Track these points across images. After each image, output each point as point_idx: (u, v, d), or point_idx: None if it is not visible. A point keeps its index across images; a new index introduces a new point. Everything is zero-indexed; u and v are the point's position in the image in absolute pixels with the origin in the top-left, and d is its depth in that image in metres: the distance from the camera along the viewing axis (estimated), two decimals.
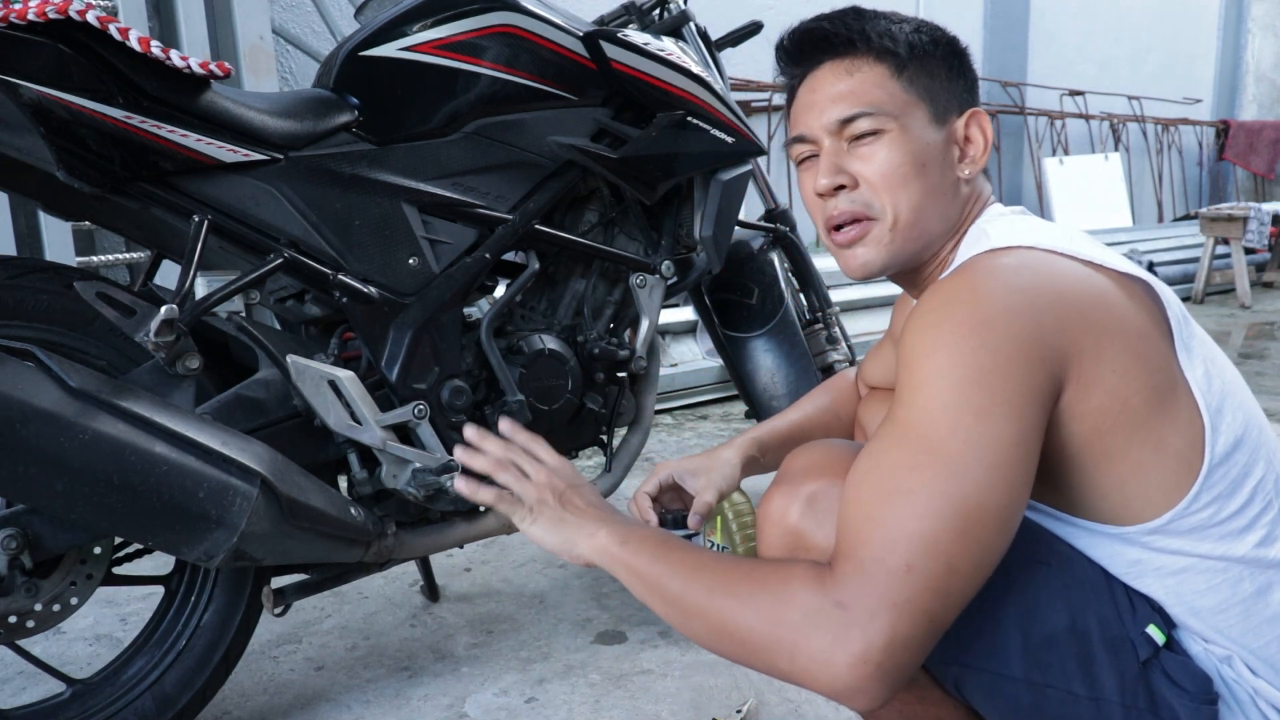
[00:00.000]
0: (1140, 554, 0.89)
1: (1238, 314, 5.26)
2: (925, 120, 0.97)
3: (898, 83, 0.96)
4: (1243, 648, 0.90)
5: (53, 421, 1.06)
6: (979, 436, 0.78)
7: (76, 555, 1.24)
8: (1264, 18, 7.85)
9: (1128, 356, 0.84)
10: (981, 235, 0.93)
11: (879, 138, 0.96)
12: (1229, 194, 7.70)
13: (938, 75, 0.98)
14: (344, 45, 1.41)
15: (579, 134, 1.53)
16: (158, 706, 1.31)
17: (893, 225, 0.97)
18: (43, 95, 1.10)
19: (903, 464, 0.79)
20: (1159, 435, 0.85)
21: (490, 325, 1.49)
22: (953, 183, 0.98)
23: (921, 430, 0.79)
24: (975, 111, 0.99)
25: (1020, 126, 6.23)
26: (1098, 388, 0.83)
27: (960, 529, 0.76)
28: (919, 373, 0.82)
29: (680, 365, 3.43)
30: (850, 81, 0.97)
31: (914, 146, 0.96)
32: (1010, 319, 0.81)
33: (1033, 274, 0.85)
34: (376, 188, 1.38)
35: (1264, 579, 0.88)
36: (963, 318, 0.81)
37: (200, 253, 1.23)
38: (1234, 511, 0.87)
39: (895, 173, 0.96)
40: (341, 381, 1.31)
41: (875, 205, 0.97)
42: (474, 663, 1.65)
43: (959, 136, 0.98)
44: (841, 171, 0.97)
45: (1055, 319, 0.82)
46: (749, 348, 1.93)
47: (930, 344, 0.82)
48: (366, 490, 1.38)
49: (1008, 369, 0.79)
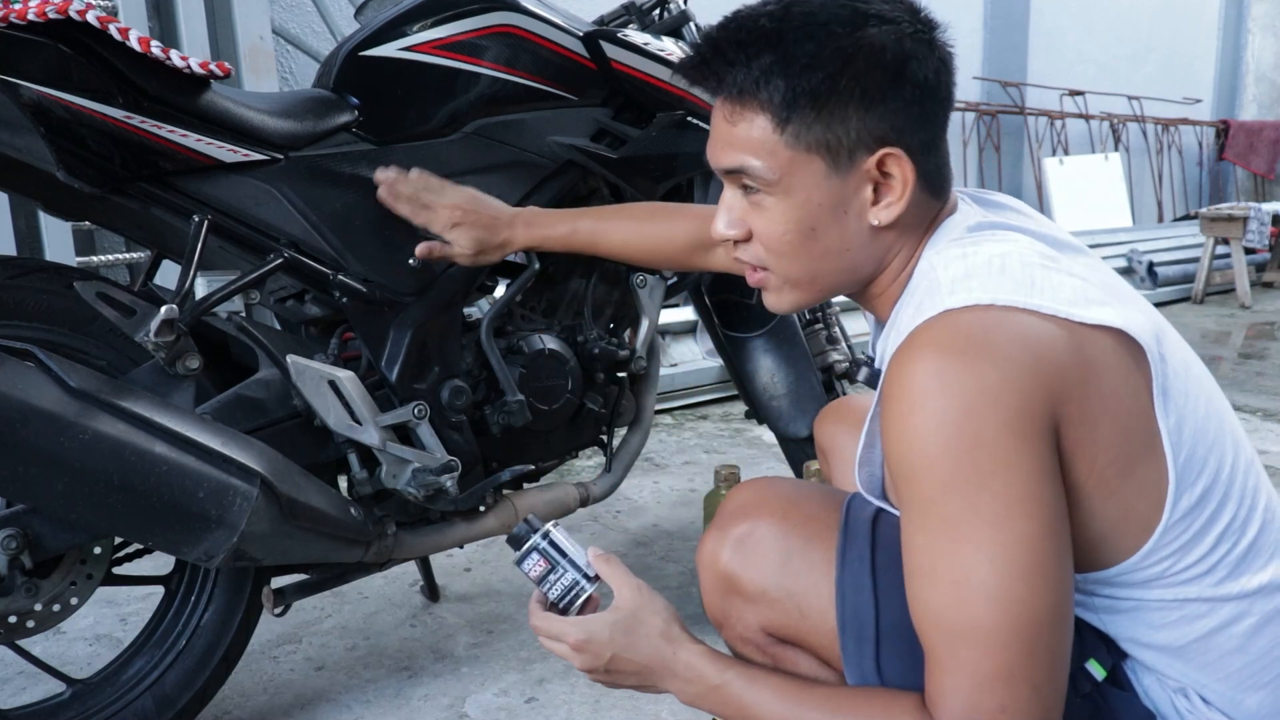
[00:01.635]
0: (1083, 597, 0.88)
1: (1238, 314, 5.26)
2: (819, 175, 0.84)
3: (780, 139, 0.83)
4: (1198, 680, 0.87)
5: (53, 421, 1.06)
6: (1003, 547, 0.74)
7: (76, 555, 1.24)
8: (1264, 18, 7.84)
9: (1102, 424, 0.77)
10: (934, 282, 0.81)
11: (762, 199, 0.87)
12: (1229, 194, 7.70)
13: (841, 116, 0.82)
14: (344, 45, 1.41)
15: (579, 134, 1.53)
16: (158, 706, 1.31)
17: (785, 282, 0.91)
18: (43, 95, 1.10)
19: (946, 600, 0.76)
20: (1127, 502, 0.80)
21: (490, 325, 1.49)
22: (862, 232, 0.87)
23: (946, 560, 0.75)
24: (888, 153, 0.83)
25: (1020, 126, 6.23)
26: (1077, 459, 0.78)
27: (1030, 649, 0.74)
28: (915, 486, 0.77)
29: (680, 365, 3.42)
30: (732, 131, 0.86)
31: (799, 212, 0.85)
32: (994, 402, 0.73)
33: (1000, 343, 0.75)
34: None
35: (1227, 613, 0.84)
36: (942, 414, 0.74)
37: (200, 253, 1.23)
38: (1192, 562, 0.82)
39: (779, 240, 0.87)
40: (341, 381, 1.31)
41: (765, 261, 0.90)
42: (474, 663, 1.65)
43: (873, 177, 0.85)
44: (736, 223, 0.90)
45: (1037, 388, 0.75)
46: (749, 348, 1.93)
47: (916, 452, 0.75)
48: (366, 490, 1.38)
49: (1007, 458, 0.74)
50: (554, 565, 0.99)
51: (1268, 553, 0.85)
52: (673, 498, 2.44)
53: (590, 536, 2.20)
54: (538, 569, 1.00)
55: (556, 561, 0.99)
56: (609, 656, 0.92)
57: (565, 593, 0.99)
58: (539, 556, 1.00)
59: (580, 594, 0.99)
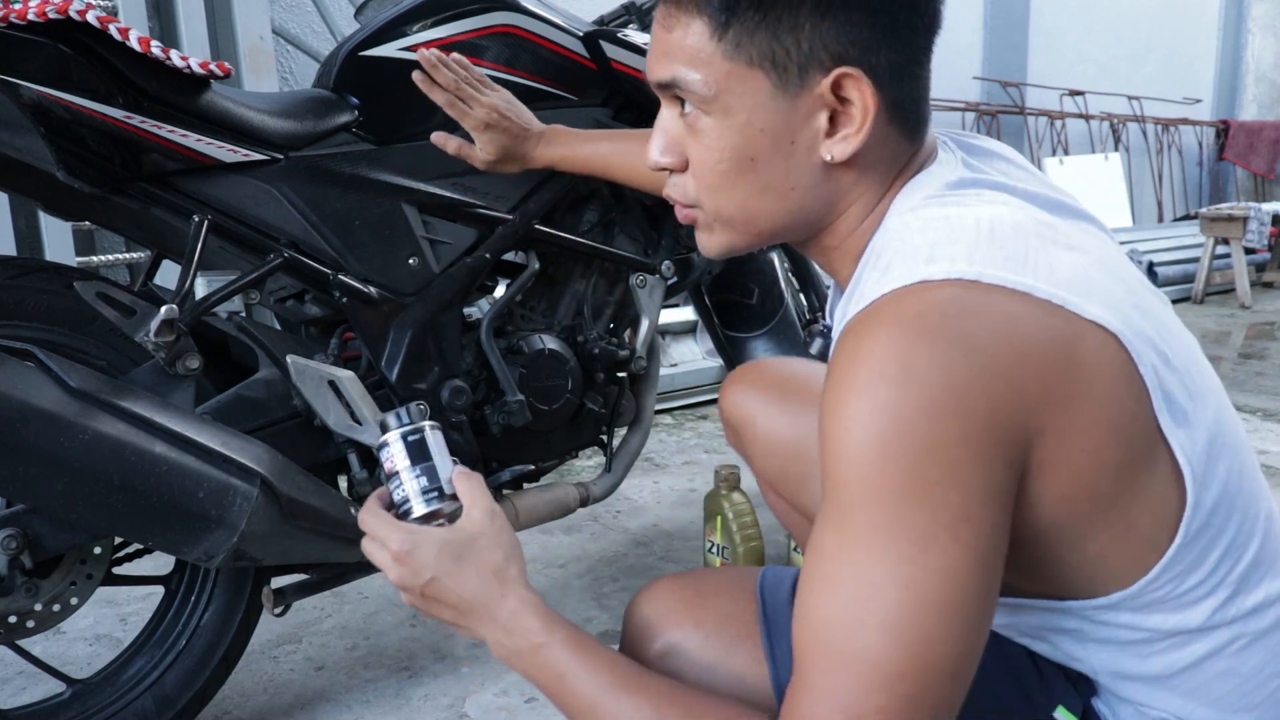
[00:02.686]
0: (1080, 625, 0.77)
1: (1238, 314, 5.26)
2: (763, 94, 0.71)
3: (718, 47, 0.71)
4: (1183, 708, 0.78)
5: (53, 421, 1.06)
6: (924, 574, 0.62)
7: (76, 555, 1.24)
8: (1264, 18, 7.84)
9: (1099, 427, 0.66)
10: (908, 242, 0.69)
11: (697, 119, 0.74)
12: (1229, 194, 7.70)
13: (791, 23, 0.69)
14: (344, 45, 1.42)
15: None
16: (157, 706, 1.31)
17: (716, 219, 0.78)
18: (43, 95, 1.10)
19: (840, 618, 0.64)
20: (1128, 518, 0.70)
21: (490, 325, 1.49)
22: (811, 169, 0.74)
23: (854, 571, 0.63)
24: (845, 74, 0.70)
25: (1020, 126, 6.23)
26: (1064, 471, 0.66)
27: (914, 694, 0.62)
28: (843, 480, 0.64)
29: (680, 365, 3.42)
30: (668, 39, 0.73)
31: (738, 138, 0.73)
32: (956, 404, 0.62)
33: (979, 330, 0.63)
34: (376, 188, 1.38)
35: (1220, 637, 0.75)
36: (894, 405, 0.62)
37: (200, 253, 1.24)
38: (1196, 583, 0.73)
39: (713, 169, 0.75)
40: (341, 381, 1.31)
41: (696, 198, 0.78)
42: (474, 663, 1.65)
43: (829, 102, 0.71)
44: (670, 148, 0.78)
45: (1012, 392, 0.63)
46: (749, 348, 1.93)
47: (853, 440, 0.63)
48: (366, 490, 1.38)
49: (954, 474, 0.62)
50: (410, 464, 0.86)
51: (1264, 567, 0.76)
52: (673, 498, 2.44)
53: (590, 537, 2.20)
54: (391, 463, 0.87)
55: (414, 461, 0.86)
56: (428, 578, 0.80)
57: (409, 498, 0.86)
58: (400, 448, 0.86)
59: (426, 504, 0.86)
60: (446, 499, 0.86)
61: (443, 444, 0.89)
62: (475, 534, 0.83)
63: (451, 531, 0.82)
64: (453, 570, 0.81)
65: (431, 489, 0.86)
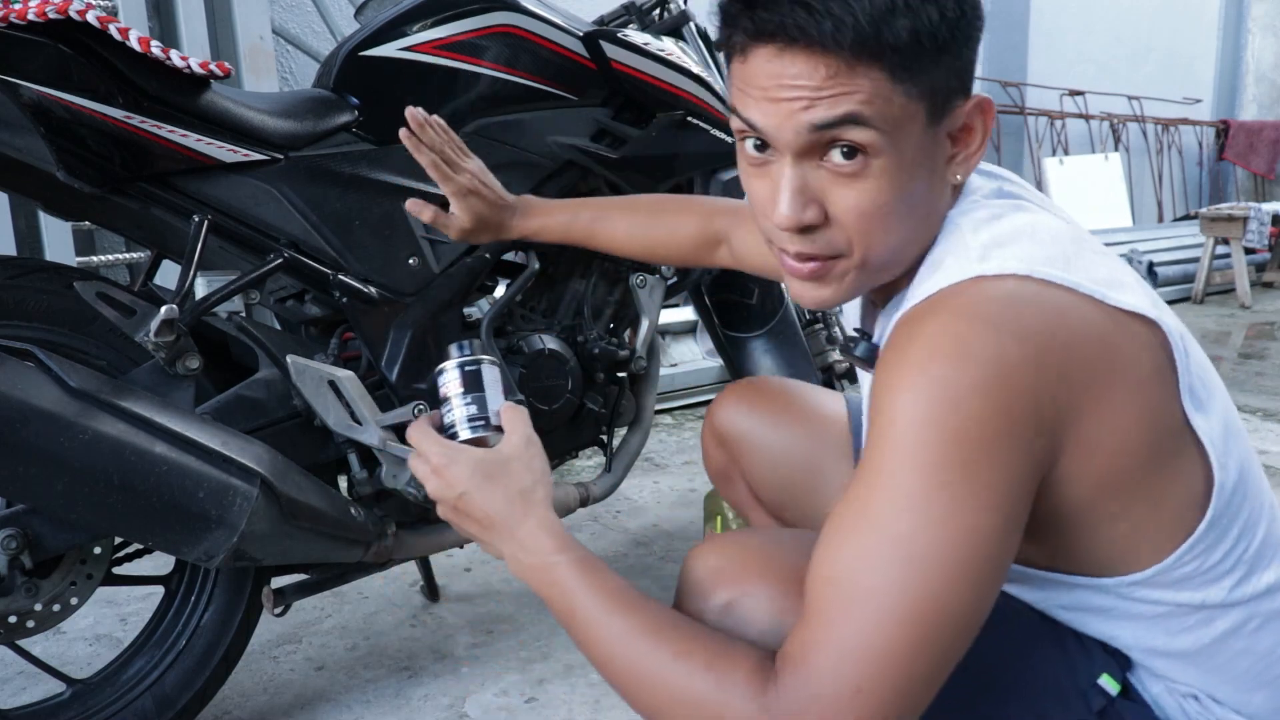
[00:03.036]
0: (1114, 602, 0.82)
1: (1238, 314, 5.26)
2: (920, 125, 0.73)
3: (897, 87, 0.71)
4: (1208, 684, 0.84)
5: (53, 421, 1.06)
6: (952, 532, 0.67)
7: (76, 555, 1.24)
8: (1264, 18, 7.84)
9: (1132, 412, 0.72)
10: (960, 244, 0.75)
11: (865, 164, 0.73)
12: (1229, 194, 7.70)
13: (947, 58, 0.72)
14: (344, 45, 1.41)
15: (579, 134, 1.53)
16: (158, 706, 1.31)
17: (860, 265, 0.78)
18: (43, 95, 1.10)
19: (864, 556, 0.68)
20: (1158, 494, 0.75)
21: (490, 325, 1.49)
22: (940, 194, 0.78)
23: (887, 519, 0.68)
24: (981, 99, 0.76)
25: (1020, 126, 6.23)
26: (1099, 452, 0.71)
27: (921, 639, 0.67)
28: (890, 441, 0.69)
29: (680, 365, 3.42)
30: (833, 84, 0.71)
31: (906, 174, 0.74)
32: (1005, 382, 0.67)
33: (1031, 319, 0.69)
34: (376, 188, 1.38)
35: (1237, 616, 0.81)
36: (948, 379, 0.67)
37: (200, 253, 1.24)
38: (1218, 560, 0.78)
39: (880, 212, 0.74)
40: (341, 381, 1.31)
41: (843, 247, 0.77)
42: (474, 663, 1.65)
43: (954, 128, 0.76)
44: (811, 204, 0.75)
45: (1058, 377, 0.69)
46: (749, 348, 1.93)
47: (906, 408, 0.68)
48: (366, 490, 1.38)
49: (996, 447, 0.67)
50: (463, 392, 0.91)
51: (1272, 550, 0.82)
52: (673, 498, 2.44)
53: (590, 536, 2.20)
54: (445, 389, 0.91)
55: (466, 390, 0.91)
56: (459, 492, 0.84)
57: (456, 423, 0.91)
58: (455, 375, 0.91)
59: (470, 430, 0.90)
60: (492, 429, 0.90)
61: (498, 381, 0.93)
62: (509, 456, 0.86)
63: (487, 453, 0.87)
64: (483, 487, 0.84)
65: (479, 417, 0.90)
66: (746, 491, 1.30)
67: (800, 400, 1.27)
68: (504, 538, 0.84)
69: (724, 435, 1.29)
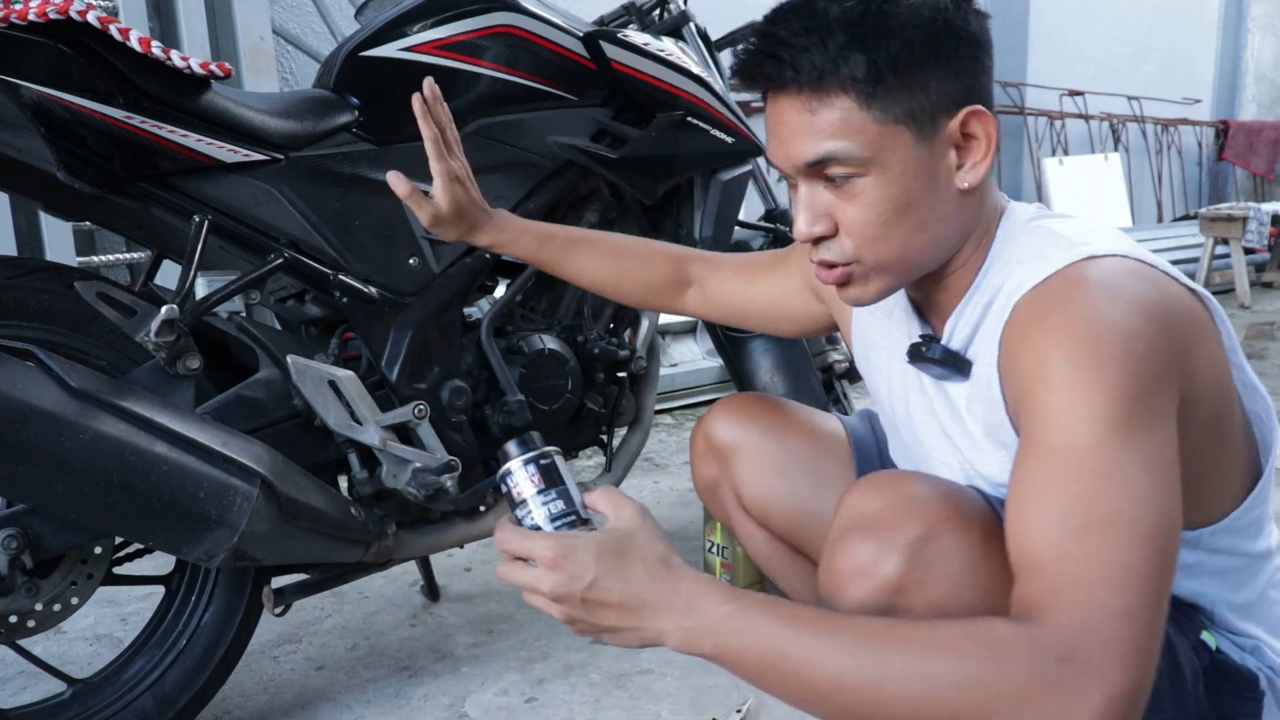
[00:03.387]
0: (1200, 556, 0.90)
1: (1238, 314, 5.26)
2: (908, 144, 0.82)
3: (868, 114, 0.81)
4: (1260, 637, 0.93)
5: (53, 421, 1.06)
6: (1150, 454, 0.72)
7: (77, 555, 1.25)
8: (1264, 18, 7.84)
9: (1217, 365, 0.83)
10: (1056, 237, 0.85)
11: (854, 183, 0.84)
12: (1229, 194, 7.69)
13: (921, 80, 0.81)
14: (344, 45, 1.42)
15: (579, 134, 1.54)
16: (158, 706, 1.32)
17: (875, 268, 0.88)
18: (43, 95, 1.10)
19: (1084, 495, 0.71)
20: (1235, 443, 0.87)
21: (490, 325, 1.49)
22: (951, 199, 0.86)
23: (1092, 455, 0.72)
24: (972, 110, 0.83)
25: (1020, 127, 6.23)
26: (1202, 402, 0.80)
27: (1159, 554, 0.70)
28: (1068, 394, 0.74)
29: (680, 365, 3.43)
30: (813, 121, 0.82)
31: (895, 188, 0.83)
32: (1147, 337, 0.75)
33: (1144, 289, 0.79)
34: (377, 188, 1.38)
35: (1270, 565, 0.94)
36: (1109, 334, 0.74)
37: (200, 253, 1.24)
38: (1262, 514, 0.91)
39: (875, 222, 0.84)
40: (341, 381, 1.31)
41: (854, 254, 0.87)
42: (474, 662, 1.66)
43: (955, 140, 0.84)
44: (820, 218, 0.86)
45: (1176, 335, 0.78)
46: (749, 348, 1.93)
47: (1079, 362, 0.74)
48: (366, 490, 1.38)
49: (1155, 390, 0.74)
50: (544, 488, 0.82)
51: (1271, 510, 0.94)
52: (673, 498, 2.44)
53: None
54: (520, 489, 0.83)
55: (548, 485, 0.82)
56: (589, 580, 0.76)
57: (540, 525, 0.81)
58: (532, 473, 0.82)
59: (561, 528, 0.81)
60: (582, 524, 0.82)
61: (570, 471, 0.85)
62: (631, 530, 0.80)
63: (606, 532, 0.80)
64: (617, 568, 0.77)
65: (568, 513, 0.82)
66: (734, 501, 1.29)
67: (797, 414, 1.28)
68: (659, 611, 0.77)
69: (718, 444, 1.28)
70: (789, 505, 1.24)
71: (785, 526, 1.26)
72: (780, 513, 1.25)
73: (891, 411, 1.08)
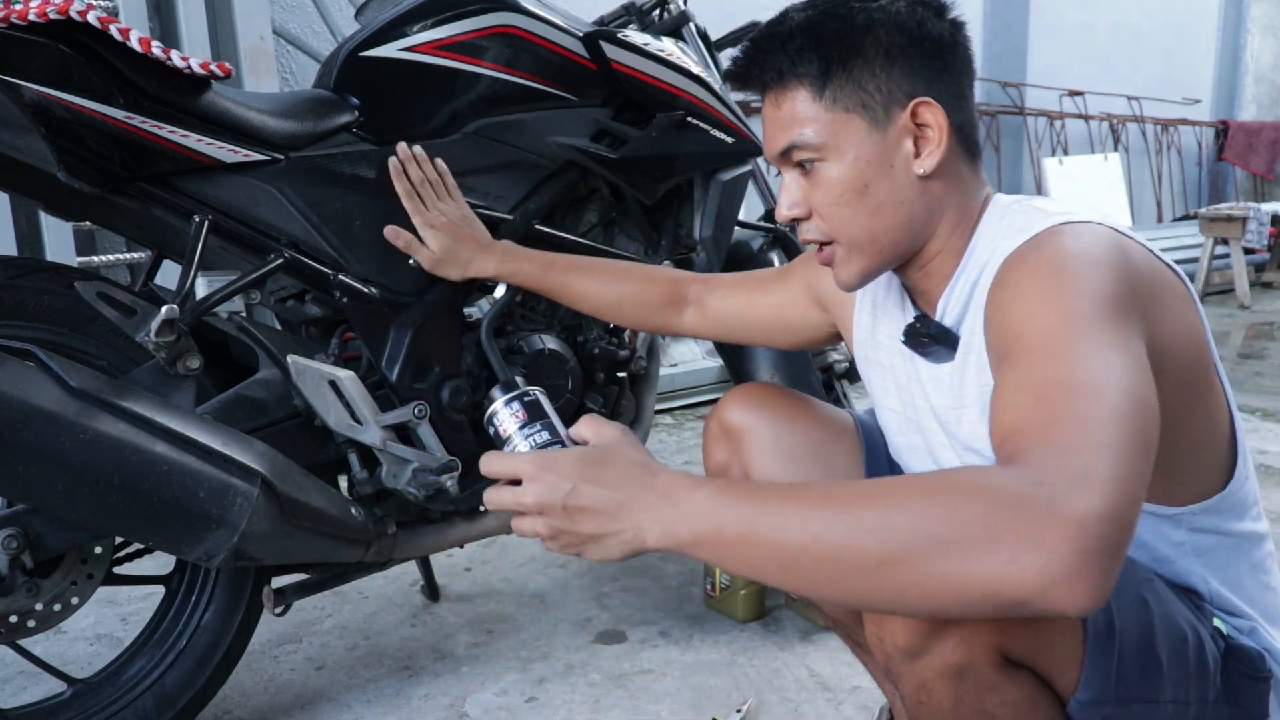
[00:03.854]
0: (1185, 536, 0.94)
1: (1237, 314, 5.26)
2: (862, 132, 0.93)
3: (820, 105, 0.93)
4: (1254, 618, 0.96)
5: (53, 421, 1.06)
6: (1123, 346, 0.75)
7: (77, 555, 1.25)
8: (1264, 18, 7.84)
9: (1188, 332, 0.87)
10: (1033, 210, 0.92)
11: (815, 168, 0.95)
12: (1228, 194, 7.69)
13: (869, 75, 0.92)
14: (344, 45, 1.42)
15: (579, 134, 1.53)
16: (158, 706, 1.32)
17: (848, 247, 0.97)
18: (43, 95, 1.10)
19: (1060, 370, 0.73)
20: (1209, 413, 0.91)
21: (490, 325, 1.49)
22: (910, 185, 0.94)
23: (1065, 339, 0.75)
24: (920, 101, 0.92)
25: (1020, 127, 6.23)
26: (1173, 356, 0.84)
27: (1137, 414, 0.70)
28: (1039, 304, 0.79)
29: (680, 365, 3.43)
30: (779, 114, 0.96)
31: (850, 170, 0.93)
32: (1112, 268, 0.81)
33: (1115, 242, 0.85)
34: (377, 188, 1.38)
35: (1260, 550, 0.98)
36: (1074, 259, 0.81)
37: (200, 253, 1.24)
38: (1249, 489, 0.95)
39: (835, 202, 0.95)
40: (341, 381, 1.31)
41: (828, 232, 0.97)
42: (474, 662, 1.66)
43: (909, 129, 0.93)
44: (796, 203, 0.97)
45: (1143, 283, 0.83)
46: (749, 348, 1.93)
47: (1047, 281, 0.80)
48: (367, 490, 1.38)
49: (1121, 309, 0.78)
50: (528, 421, 0.85)
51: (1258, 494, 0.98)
52: None
53: None
54: (505, 426, 0.85)
55: (532, 419, 0.85)
56: (570, 488, 0.77)
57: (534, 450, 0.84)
58: (516, 410, 0.85)
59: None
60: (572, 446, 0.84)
61: (552, 407, 0.88)
62: (610, 443, 0.82)
63: (587, 448, 0.82)
64: (596, 473, 0.78)
65: (553, 442, 0.84)
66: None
67: (809, 403, 1.31)
68: (637, 509, 0.76)
69: (730, 426, 1.29)
70: None
71: None
72: None
73: (898, 408, 1.10)
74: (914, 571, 0.65)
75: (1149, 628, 0.87)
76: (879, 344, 1.12)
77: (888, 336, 1.09)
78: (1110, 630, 0.84)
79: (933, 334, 0.98)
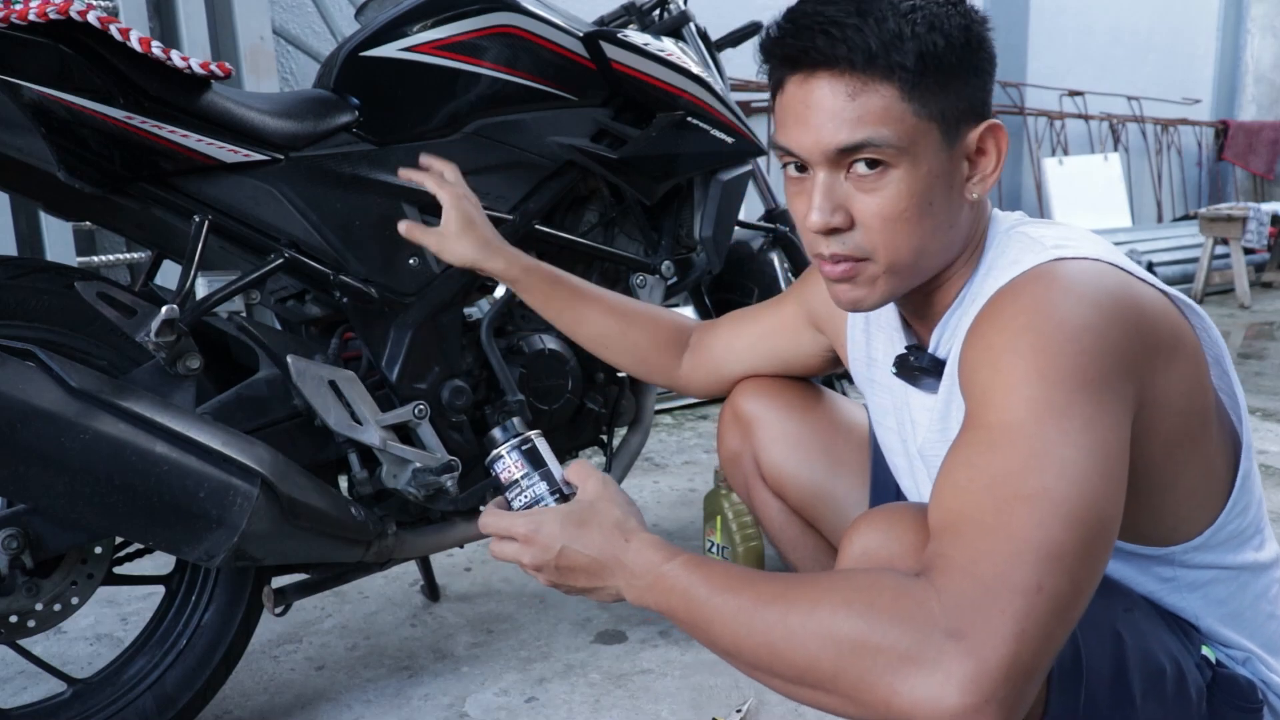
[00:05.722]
0: (1174, 571, 0.91)
1: (1237, 314, 5.26)
2: (936, 144, 0.83)
3: (908, 105, 0.81)
4: (1252, 650, 0.93)
5: (53, 421, 1.07)
6: (1090, 443, 0.71)
7: (77, 555, 1.25)
8: (1264, 18, 7.84)
9: (1189, 379, 0.82)
10: (1033, 243, 0.86)
11: (883, 174, 0.83)
12: (1228, 194, 7.69)
13: (954, 84, 0.83)
14: (344, 45, 1.42)
15: (579, 134, 1.54)
16: (158, 706, 1.32)
17: (888, 269, 0.87)
18: (43, 95, 1.10)
19: (1014, 469, 0.71)
20: (1209, 456, 0.87)
21: (490, 325, 1.49)
22: (958, 208, 0.87)
23: (1028, 433, 0.71)
24: (992, 124, 0.86)
25: (1019, 127, 6.23)
26: (1168, 410, 0.80)
27: (1084, 541, 0.68)
28: (1010, 377, 0.75)
29: None
30: (853, 106, 0.81)
31: (921, 184, 0.83)
32: (1096, 332, 0.75)
33: (1110, 287, 0.79)
34: (377, 188, 1.38)
35: (1265, 579, 0.93)
36: (1055, 324, 0.75)
37: (201, 253, 1.24)
38: (1249, 521, 0.91)
39: (899, 217, 0.84)
40: (341, 381, 1.31)
41: (869, 249, 0.86)
42: (474, 662, 1.66)
43: (970, 151, 0.86)
44: (838, 209, 0.85)
45: (1138, 336, 0.78)
46: None
47: (1022, 350, 0.75)
48: (367, 490, 1.38)
49: (1106, 379, 0.74)
50: (528, 473, 0.92)
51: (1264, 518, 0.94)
52: (673, 498, 2.45)
53: None
54: (509, 473, 0.92)
55: (531, 470, 0.92)
56: (558, 550, 0.86)
57: (531, 504, 0.92)
58: (517, 458, 0.92)
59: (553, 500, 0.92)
60: (564, 499, 0.92)
61: (549, 449, 0.95)
62: (591, 499, 0.89)
63: (569, 505, 0.89)
64: (579, 535, 0.86)
65: (553, 491, 0.92)
66: (754, 468, 1.34)
67: (822, 396, 1.33)
68: (613, 571, 0.85)
69: (743, 414, 1.32)
70: (805, 477, 1.29)
71: (800, 498, 1.31)
72: (796, 484, 1.30)
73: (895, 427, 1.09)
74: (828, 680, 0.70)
75: (1122, 662, 0.84)
76: (874, 360, 1.10)
77: (882, 354, 1.07)
78: (1077, 668, 0.82)
79: (924, 366, 0.95)
